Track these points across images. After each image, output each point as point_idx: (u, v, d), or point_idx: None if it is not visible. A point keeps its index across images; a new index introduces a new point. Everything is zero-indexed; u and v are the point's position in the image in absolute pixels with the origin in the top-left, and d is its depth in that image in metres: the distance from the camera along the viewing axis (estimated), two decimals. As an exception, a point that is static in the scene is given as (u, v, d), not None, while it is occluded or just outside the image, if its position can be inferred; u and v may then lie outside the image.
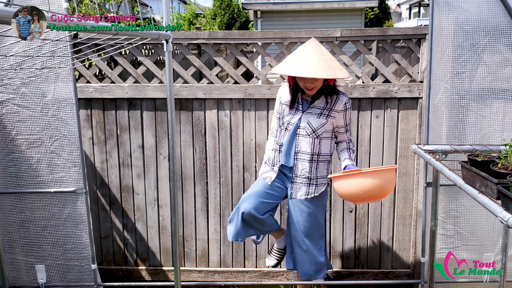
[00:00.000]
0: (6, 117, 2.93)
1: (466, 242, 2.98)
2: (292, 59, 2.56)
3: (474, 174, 1.90)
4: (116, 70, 3.49)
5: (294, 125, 2.67)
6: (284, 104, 2.76)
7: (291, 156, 2.71)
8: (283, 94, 2.77)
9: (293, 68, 2.49)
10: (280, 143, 2.74)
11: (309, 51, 2.52)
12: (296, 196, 2.74)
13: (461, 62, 2.77)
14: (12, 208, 3.06)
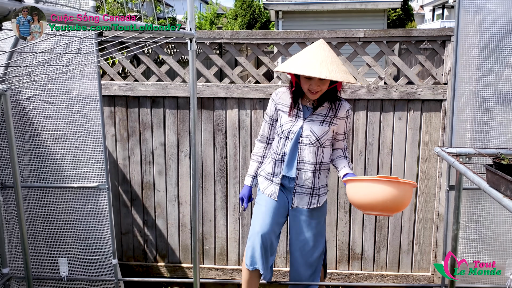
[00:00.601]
0: (33, 112, 2.99)
1: (488, 247, 2.93)
2: (301, 58, 2.37)
3: (499, 178, 1.86)
4: (140, 68, 3.53)
5: (296, 134, 2.49)
6: (281, 110, 2.56)
7: (293, 166, 2.53)
8: (281, 99, 2.56)
9: (305, 67, 2.29)
10: (282, 153, 2.54)
11: (320, 52, 2.35)
12: (298, 205, 2.59)
13: (487, 64, 2.72)
14: (36, 202, 3.12)
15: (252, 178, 2.74)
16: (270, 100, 2.62)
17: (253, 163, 2.74)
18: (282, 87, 2.64)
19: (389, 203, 2.19)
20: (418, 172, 3.44)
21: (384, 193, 2.18)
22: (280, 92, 2.60)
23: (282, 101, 2.57)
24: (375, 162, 3.46)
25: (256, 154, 2.73)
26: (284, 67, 2.42)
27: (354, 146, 3.45)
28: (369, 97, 3.35)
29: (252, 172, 2.74)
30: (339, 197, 3.53)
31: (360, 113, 3.40)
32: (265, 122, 2.67)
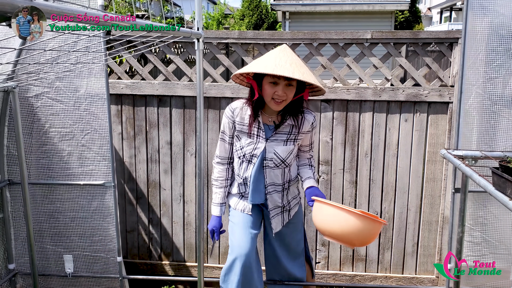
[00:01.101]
0: (41, 109, 3.01)
1: (494, 250, 2.92)
2: (267, 60, 2.11)
3: (506, 181, 1.86)
4: (147, 68, 3.55)
5: (259, 157, 2.27)
6: (240, 130, 2.30)
7: (261, 192, 2.36)
8: (239, 117, 2.28)
9: (275, 67, 2.02)
10: (244, 177, 2.35)
11: (287, 55, 2.12)
12: (276, 229, 2.45)
13: (495, 67, 2.72)
14: (43, 199, 3.14)
15: (220, 206, 2.46)
16: (225, 117, 2.32)
17: (218, 189, 2.46)
18: (236, 102, 2.32)
19: (353, 236, 2.02)
20: (423, 174, 3.44)
21: (351, 226, 1.99)
22: (236, 109, 2.29)
23: (240, 120, 2.29)
24: (381, 164, 3.46)
25: (220, 179, 2.45)
26: (250, 67, 2.14)
27: (360, 148, 3.45)
28: (375, 99, 3.35)
29: (220, 200, 2.46)
30: (344, 198, 3.53)
31: (366, 114, 3.40)
32: (223, 141, 2.39)
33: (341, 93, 3.36)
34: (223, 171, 2.43)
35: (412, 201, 3.48)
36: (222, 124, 2.36)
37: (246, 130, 2.27)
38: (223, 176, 2.44)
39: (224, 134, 2.37)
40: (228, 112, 2.31)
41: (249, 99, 2.25)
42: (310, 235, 3.59)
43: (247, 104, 2.27)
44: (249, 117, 2.25)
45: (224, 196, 2.46)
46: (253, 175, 2.30)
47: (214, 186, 2.47)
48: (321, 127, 3.45)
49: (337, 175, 3.52)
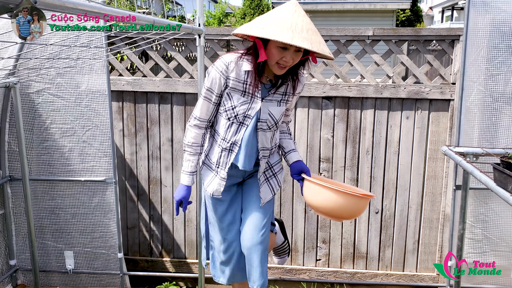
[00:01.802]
0: (42, 106, 3.01)
1: (495, 247, 2.92)
2: (278, 22, 1.83)
3: (507, 177, 1.86)
4: (148, 64, 3.55)
5: (253, 118, 2.04)
6: (233, 87, 2.00)
7: (253, 158, 2.13)
8: (234, 72, 1.98)
9: (293, 35, 1.77)
10: (232, 141, 2.08)
11: (300, 17, 1.86)
12: (265, 200, 2.19)
13: (496, 64, 2.71)
14: (44, 195, 3.15)
15: (192, 175, 2.17)
16: (216, 72, 1.99)
17: (191, 156, 2.15)
18: (229, 55, 2.01)
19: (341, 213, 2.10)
20: (425, 172, 3.43)
21: (339, 204, 2.05)
22: (231, 63, 1.98)
23: (236, 76, 1.99)
24: (382, 161, 3.46)
25: (195, 145, 2.14)
26: (262, 31, 1.82)
27: (361, 145, 3.45)
28: (377, 96, 3.35)
29: (191, 168, 2.17)
30: (345, 195, 3.52)
31: (368, 111, 3.40)
32: (206, 101, 2.06)
33: (342, 90, 3.35)
34: (199, 136, 2.13)
35: (413, 199, 3.48)
36: (209, 80, 2.02)
37: (240, 88, 2.00)
38: (198, 142, 2.13)
39: (210, 93, 2.03)
40: (221, 66, 1.98)
41: (245, 54, 1.99)
42: (310, 232, 3.60)
43: (242, 58, 1.98)
44: (247, 74, 1.98)
45: (196, 164, 2.17)
46: (246, 138, 2.06)
47: (186, 152, 2.15)
48: (322, 124, 3.45)
49: (338, 173, 3.51)
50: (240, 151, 2.08)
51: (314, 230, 3.60)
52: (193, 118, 2.11)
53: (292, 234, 3.62)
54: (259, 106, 2.02)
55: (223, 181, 2.14)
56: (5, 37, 2.33)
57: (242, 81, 1.99)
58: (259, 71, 1.97)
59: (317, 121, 3.45)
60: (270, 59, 1.91)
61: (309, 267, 3.64)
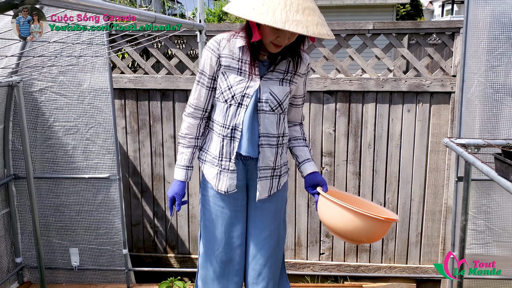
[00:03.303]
0: (45, 104, 3.03)
1: (497, 238, 2.93)
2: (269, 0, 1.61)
3: (508, 166, 1.87)
4: (150, 62, 3.56)
5: (252, 98, 1.85)
6: (227, 66, 1.84)
7: (255, 144, 1.90)
8: (226, 49, 1.83)
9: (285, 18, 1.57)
10: (232, 125, 1.88)
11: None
12: (261, 195, 1.96)
13: (497, 55, 2.72)
14: (48, 193, 3.16)
15: (186, 170, 1.96)
16: (208, 51, 1.85)
17: (185, 149, 1.97)
18: (222, 34, 1.87)
19: (360, 237, 1.86)
20: (426, 164, 3.45)
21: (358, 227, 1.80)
22: (223, 40, 1.84)
23: (229, 53, 1.84)
24: (384, 155, 3.47)
25: (189, 136, 1.97)
26: (249, 12, 1.61)
27: (363, 138, 3.46)
28: (378, 89, 3.36)
29: (186, 162, 1.96)
30: (347, 189, 3.54)
31: (369, 105, 3.41)
32: (200, 85, 1.91)
33: (343, 84, 3.36)
34: (194, 127, 1.96)
35: (415, 192, 3.49)
36: (202, 63, 1.88)
37: (235, 65, 1.84)
38: (193, 133, 1.96)
39: (203, 75, 1.89)
40: (212, 44, 1.84)
41: (239, 32, 1.85)
42: (313, 226, 3.61)
43: (235, 36, 1.84)
44: (241, 51, 1.83)
45: (191, 158, 1.97)
46: (246, 120, 1.86)
47: (180, 144, 1.98)
48: (323, 119, 3.46)
49: (341, 167, 3.53)
50: (242, 136, 1.88)
51: (317, 224, 3.62)
52: (188, 106, 1.96)
53: (295, 229, 3.64)
54: (258, 85, 1.85)
55: (233, 173, 1.92)
56: (7, 35, 2.35)
57: (237, 58, 1.83)
58: (254, 48, 1.80)
59: (318, 116, 3.46)
60: (264, 38, 1.75)
61: (312, 261, 3.66)
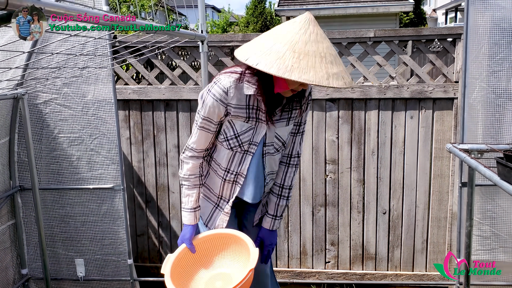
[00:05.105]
0: (50, 116, 3.06)
1: (503, 244, 2.91)
2: (287, 50, 1.49)
3: (510, 170, 1.86)
4: (153, 72, 3.60)
5: (259, 144, 1.81)
6: (235, 114, 1.74)
7: (259, 188, 1.89)
8: (234, 98, 1.71)
9: (306, 70, 1.45)
10: (237, 172, 1.85)
11: (315, 42, 1.52)
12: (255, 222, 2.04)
13: (498, 60, 2.73)
14: (53, 204, 3.18)
15: (195, 212, 1.88)
16: (213, 99, 1.71)
17: (191, 190, 1.87)
18: (225, 77, 1.72)
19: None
20: (431, 171, 3.44)
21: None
22: (231, 88, 1.70)
23: (237, 102, 1.73)
24: (388, 162, 3.46)
25: (192, 177, 1.86)
26: (259, 59, 1.50)
27: (366, 146, 3.46)
28: (380, 96, 3.36)
29: (193, 204, 1.88)
30: (352, 196, 3.54)
31: (372, 112, 3.41)
32: (205, 131, 1.79)
33: (345, 92, 3.38)
34: (197, 168, 1.86)
35: (420, 198, 3.48)
36: (205, 109, 1.74)
37: (244, 114, 1.74)
38: (196, 173, 1.87)
39: (208, 122, 1.76)
40: (219, 93, 1.70)
41: (245, 73, 1.71)
42: (319, 234, 3.60)
43: (242, 79, 1.71)
44: (249, 96, 1.72)
45: (198, 198, 1.89)
46: (253, 168, 1.83)
47: (184, 186, 1.88)
48: (326, 126, 3.47)
49: (345, 174, 3.53)
50: (247, 182, 1.86)
51: (322, 232, 3.61)
52: (189, 149, 1.84)
53: (301, 237, 3.63)
54: (265, 130, 1.79)
55: (226, 216, 1.91)
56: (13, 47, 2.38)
57: (244, 106, 1.73)
58: (270, 97, 1.70)
59: (321, 123, 3.47)
60: (275, 84, 1.67)
61: (318, 270, 3.65)
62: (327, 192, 3.56)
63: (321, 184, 3.56)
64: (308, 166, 3.53)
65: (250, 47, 1.60)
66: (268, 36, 1.61)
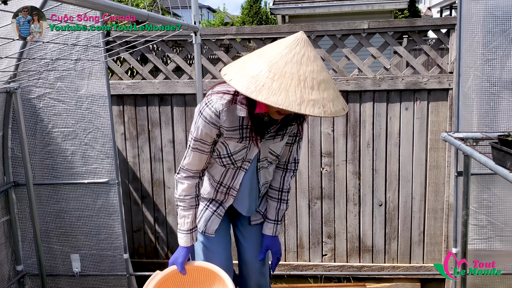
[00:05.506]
0: (43, 110, 3.04)
1: (500, 233, 2.91)
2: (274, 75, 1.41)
3: (505, 154, 1.86)
4: (147, 67, 3.58)
5: (253, 162, 1.82)
6: (227, 136, 1.72)
7: (256, 200, 1.94)
8: (227, 121, 1.67)
9: (292, 98, 1.37)
10: (229, 186, 1.88)
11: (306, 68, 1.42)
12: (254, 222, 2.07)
13: (492, 48, 2.72)
14: (48, 199, 3.17)
15: (191, 234, 1.85)
16: (206, 122, 1.67)
17: (186, 211, 1.83)
18: (216, 99, 1.66)
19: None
20: (426, 162, 3.43)
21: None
22: (223, 111, 1.65)
23: (230, 125, 1.69)
24: (383, 153, 3.46)
25: (188, 198, 1.82)
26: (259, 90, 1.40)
27: (361, 138, 3.46)
28: (375, 88, 3.36)
29: (189, 225, 1.84)
30: (348, 189, 3.53)
31: (367, 104, 3.41)
32: (200, 153, 1.76)
33: (340, 85, 3.37)
34: (193, 188, 1.82)
35: (416, 190, 3.48)
36: (197, 131, 1.71)
37: (237, 135, 1.72)
38: (192, 194, 1.83)
39: (202, 144, 1.74)
40: (210, 116, 1.66)
41: (238, 94, 1.65)
42: (315, 227, 3.60)
43: (234, 101, 1.66)
44: (241, 118, 1.69)
45: (194, 219, 1.85)
46: (247, 184, 1.86)
47: (180, 207, 1.85)
48: (322, 119, 3.46)
49: (340, 167, 3.52)
50: (241, 197, 1.89)
51: (319, 225, 3.60)
52: (183, 169, 1.81)
53: (297, 230, 3.63)
54: (258, 149, 1.79)
55: (219, 218, 1.95)
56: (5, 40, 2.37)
57: (238, 126, 1.70)
58: (256, 120, 1.68)
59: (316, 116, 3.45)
60: (269, 108, 1.62)
61: (315, 263, 3.64)
62: (323, 185, 3.56)
63: (317, 177, 3.56)
64: (304, 160, 3.52)
65: (235, 62, 1.58)
66: (254, 53, 1.57)
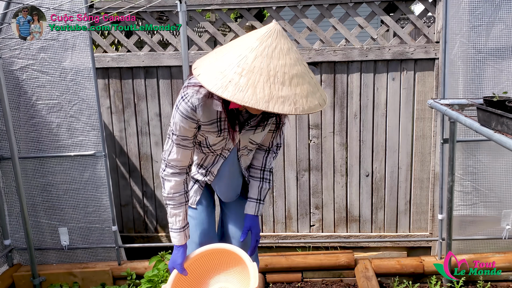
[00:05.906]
0: (27, 82, 3.00)
1: (484, 199, 2.96)
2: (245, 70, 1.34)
3: (490, 114, 1.88)
4: (132, 39, 3.53)
5: (232, 151, 1.83)
6: (205, 130, 1.71)
7: (236, 188, 1.96)
8: (204, 116, 1.65)
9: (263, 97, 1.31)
10: (208, 169, 1.89)
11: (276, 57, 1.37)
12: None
13: (477, 15, 2.73)
14: (34, 173, 3.14)
15: (183, 231, 1.82)
16: (184, 118, 1.63)
17: (176, 209, 1.79)
18: (192, 94, 1.60)
19: None
20: (413, 132, 3.46)
21: None
22: (199, 106, 1.61)
23: (207, 119, 1.67)
24: (370, 124, 3.48)
25: (177, 195, 1.78)
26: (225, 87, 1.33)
27: (349, 109, 3.46)
28: (362, 59, 3.36)
29: (181, 223, 1.81)
30: (335, 160, 3.55)
31: (354, 75, 3.41)
32: (183, 148, 1.72)
33: (328, 55, 3.36)
34: (181, 185, 1.78)
35: (402, 160, 3.51)
36: (176, 127, 1.68)
37: (215, 128, 1.70)
38: (181, 191, 1.79)
39: (184, 140, 1.70)
40: (187, 111, 1.62)
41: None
42: (303, 199, 3.62)
43: (211, 95, 1.60)
44: (219, 112, 1.67)
45: (185, 216, 1.82)
46: (227, 170, 1.87)
47: (169, 206, 1.80)
48: (309, 90, 3.45)
49: (328, 138, 3.53)
50: (220, 183, 1.90)
51: (307, 196, 3.63)
52: (168, 166, 1.75)
53: (286, 202, 3.65)
54: (238, 138, 1.77)
55: (200, 189, 1.95)
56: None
57: (215, 120, 1.68)
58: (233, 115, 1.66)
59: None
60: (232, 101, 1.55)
61: (303, 233, 3.68)
62: (310, 157, 3.57)
63: (304, 149, 3.57)
64: (291, 132, 3.52)
65: (207, 56, 1.52)
66: (228, 45, 1.50)
